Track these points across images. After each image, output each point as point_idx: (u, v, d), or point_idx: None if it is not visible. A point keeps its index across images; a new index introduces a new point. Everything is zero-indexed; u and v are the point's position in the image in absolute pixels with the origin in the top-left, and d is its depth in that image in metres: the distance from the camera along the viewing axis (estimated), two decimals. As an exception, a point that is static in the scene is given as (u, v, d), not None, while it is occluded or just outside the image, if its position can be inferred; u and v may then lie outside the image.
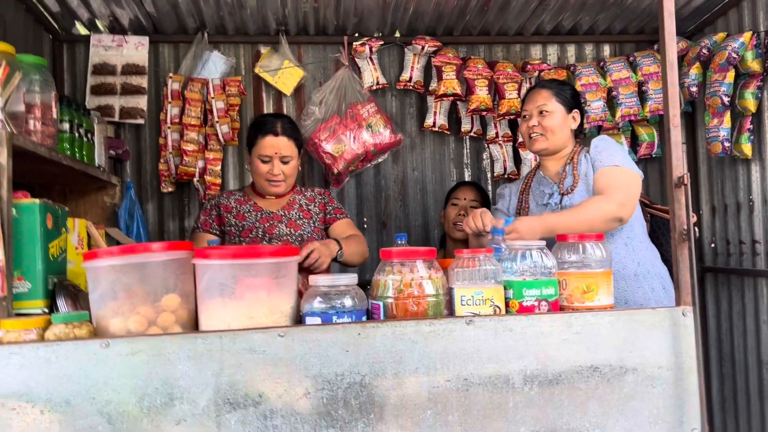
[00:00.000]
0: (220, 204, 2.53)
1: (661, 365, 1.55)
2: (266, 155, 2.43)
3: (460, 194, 3.10)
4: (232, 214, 2.50)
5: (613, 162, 2.27)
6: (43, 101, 1.80)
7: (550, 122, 2.37)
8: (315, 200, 2.63)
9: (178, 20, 3.30)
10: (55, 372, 1.35)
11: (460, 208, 3.04)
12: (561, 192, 2.33)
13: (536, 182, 2.47)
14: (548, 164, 2.46)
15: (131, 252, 1.48)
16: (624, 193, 2.18)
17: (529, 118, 2.41)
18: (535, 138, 2.39)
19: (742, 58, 3.06)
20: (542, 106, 2.37)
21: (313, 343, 1.43)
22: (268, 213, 2.52)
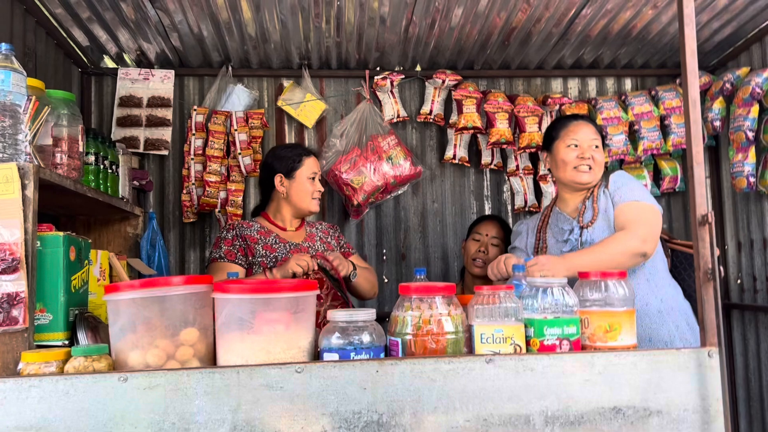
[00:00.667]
0: (244, 235, 2.51)
1: (687, 408, 1.50)
2: (314, 172, 2.59)
3: (482, 229, 3.05)
4: (260, 245, 2.49)
5: (633, 197, 2.25)
6: (70, 135, 1.84)
7: (600, 157, 2.37)
8: (329, 233, 2.70)
9: (204, 54, 3.37)
10: (74, 405, 1.35)
11: (481, 244, 3.00)
12: (581, 225, 2.30)
13: (554, 219, 2.44)
14: (569, 198, 2.43)
15: (152, 285, 1.48)
16: (646, 228, 2.16)
17: (581, 149, 2.36)
18: (585, 170, 2.34)
19: (766, 92, 3.04)
20: (595, 141, 2.37)
21: (330, 380, 1.42)
22: (295, 245, 2.53)
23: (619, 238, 2.13)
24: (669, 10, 3.00)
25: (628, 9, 2.98)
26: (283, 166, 2.58)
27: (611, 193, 2.31)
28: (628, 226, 2.17)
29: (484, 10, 2.94)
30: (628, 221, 2.19)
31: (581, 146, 2.36)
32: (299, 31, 3.11)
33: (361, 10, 2.92)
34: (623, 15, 3.04)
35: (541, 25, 3.12)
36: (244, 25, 3.02)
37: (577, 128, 2.40)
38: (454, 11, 2.95)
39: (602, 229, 2.26)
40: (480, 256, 2.97)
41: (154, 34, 3.09)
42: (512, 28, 3.15)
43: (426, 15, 2.98)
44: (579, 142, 2.37)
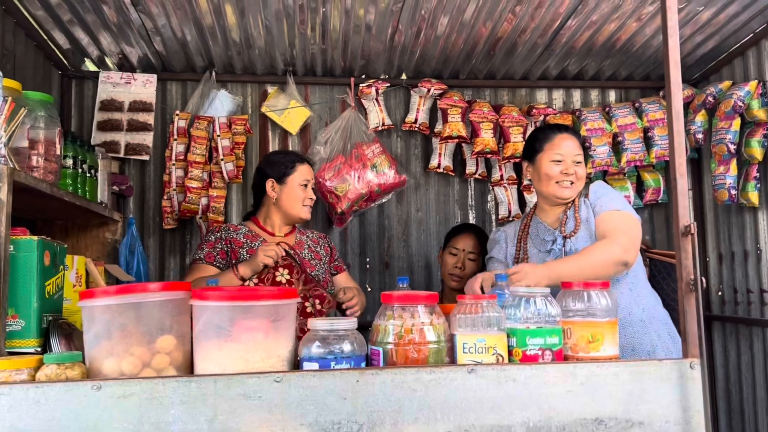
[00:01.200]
0: (229, 238, 2.49)
1: (669, 420, 1.49)
2: (306, 180, 2.57)
3: (459, 243, 3.02)
4: (245, 249, 2.47)
5: (613, 207, 2.25)
6: (46, 137, 1.80)
7: (583, 172, 2.35)
8: (319, 243, 2.67)
9: (187, 59, 3.34)
10: (45, 414, 1.31)
11: (458, 260, 2.99)
12: (564, 235, 2.30)
13: (534, 229, 2.42)
14: (549, 210, 2.41)
15: (128, 292, 1.45)
16: (627, 237, 2.16)
17: (564, 164, 2.33)
18: (567, 186, 2.32)
19: (748, 106, 3.07)
20: (577, 157, 2.34)
21: (309, 390, 1.39)
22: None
23: (601, 246, 2.13)
24: (653, 22, 3.02)
25: (612, 21, 3.00)
26: (276, 171, 2.57)
27: (592, 203, 2.31)
28: (609, 235, 2.17)
29: (469, 19, 2.94)
30: (609, 230, 2.19)
31: (565, 161, 2.33)
32: (284, 37, 3.09)
33: (346, 18, 2.91)
34: (608, 27, 3.06)
35: (527, 35, 3.13)
36: (228, 30, 3.00)
37: (562, 142, 2.37)
38: (440, 20, 2.95)
39: (584, 238, 2.26)
40: (456, 272, 2.96)
41: (136, 37, 3.05)
42: (498, 38, 3.16)
43: (412, 24, 2.98)
44: (563, 156, 2.34)
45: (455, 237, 3.07)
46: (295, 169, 2.57)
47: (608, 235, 2.17)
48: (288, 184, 2.55)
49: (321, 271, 2.57)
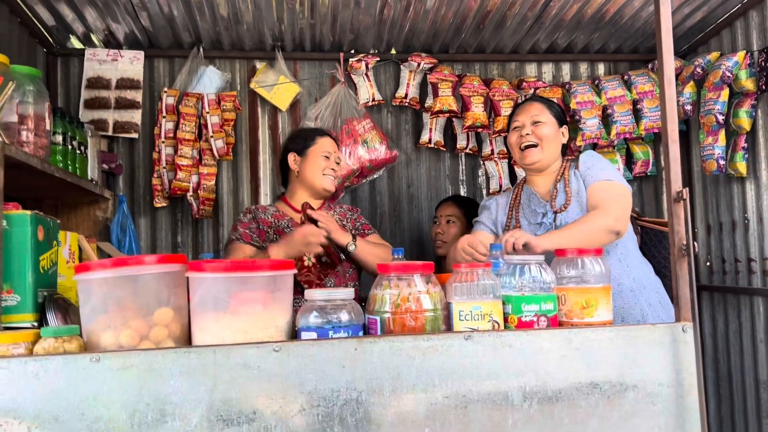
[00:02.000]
0: (258, 218, 2.49)
1: (662, 382, 1.52)
2: (328, 151, 2.55)
3: (440, 211, 3.17)
4: (273, 229, 2.47)
5: (604, 176, 2.27)
6: (36, 112, 1.78)
7: (544, 131, 2.34)
8: (346, 216, 2.64)
9: (174, 35, 3.30)
10: (44, 387, 1.32)
11: (438, 226, 3.14)
12: (554, 210, 2.31)
13: (526, 199, 2.43)
14: (537, 180, 2.42)
15: (123, 264, 1.45)
16: (618, 207, 2.18)
17: (521, 128, 2.37)
18: (529, 150, 2.34)
19: (736, 77, 3.08)
20: (536, 116, 2.35)
21: (308, 359, 1.40)
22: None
23: (593, 217, 2.15)
24: (642, -6, 3.02)
25: (602, -8, 2.99)
26: (297, 144, 2.58)
27: (582, 174, 2.32)
28: (600, 205, 2.19)
29: (459, -8, 2.92)
30: (600, 200, 2.21)
31: (523, 125, 2.37)
32: (272, 12, 3.06)
33: (335, -9, 2.88)
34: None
35: (516, 8, 3.11)
36: (215, 5, 2.96)
37: (520, 110, 2.42)
38: (430, -7, 2.92)
39: (575, 211, 2.27)
40: (439, 237, 3.12)
41: (122, 13, 3.01)
42: (487, 12, 3.14)
43: (401, -4, 2.95)
44: (520, 122, 2.38)
45: (438, 207, 3.23)
46: (315, 141, 2.57)
47: (600, 206, 2.18)
48: (309, 155, 2.53)
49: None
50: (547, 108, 2.40)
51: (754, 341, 3.16)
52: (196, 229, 3.48)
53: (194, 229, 3.48)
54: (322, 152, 2.54)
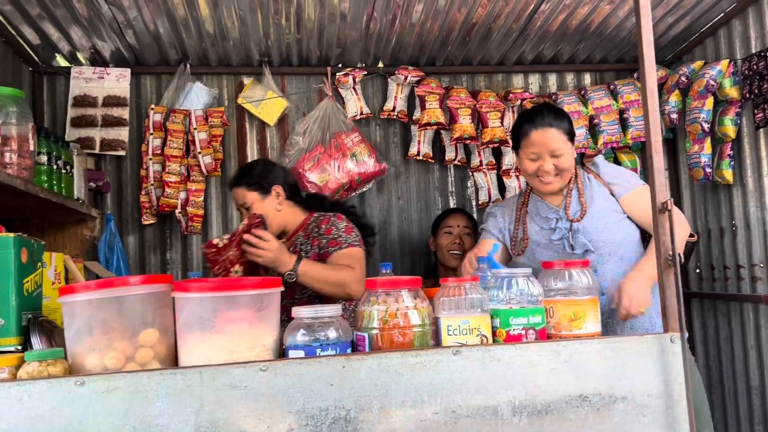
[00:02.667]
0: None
1: (651, 393, 1.52)
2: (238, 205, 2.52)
3: (452, 221, 3.13)
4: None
5: (638, 182, 2.29)
6: (19, 133, 1.77)
7: (566, 163, 2.23)
8: (311, 235, 2.46)
9: (160, 52, 3.30)
10: (28, 412, 1.30)
11: (455, 236, 3.10)
12: (570, 219, 2.25)
13: (534, 207, 2.36)
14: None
15: (108, 286, 1.43)
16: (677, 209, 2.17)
17: (539, 159, 2.24)
18: (550, 180, 2.24)
19: (720, 85, 3.11)
20: (557, 150, 2.22)
21: (296, 377, 1.39)
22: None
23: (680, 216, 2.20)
24: (625, 5, 3.05)
25: (585, 4, 3.02)
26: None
27: (609, 182, 2.29)
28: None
29: (444, 5, 2.94)
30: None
31: (543, 157, 2.24)
32: (259, 27, 3.07)
33: (321, 6, 2.89)
34: (581, 10, 3.08)
35: (501, 20, 3.13)
36: (201, 22, 2.97)
37: (537, 137, 2.25)
38: (415, 7, 2.94)
39: (594, 219, 2.23)
40: (456, 248, 3.10)
41: (108, 31, 3.01)
42: (473, 24, 3.16)
43: (387, 11, 2.97)
44: (539, 153, 2.24)
45: (447, 218, 3.19)
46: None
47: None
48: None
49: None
50: (563, 132, 2.26)
51: (744, 347, 3.16)
52: (185, 246, 3.46)
53: (183, 246, 3.46)
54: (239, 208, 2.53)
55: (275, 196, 2.46)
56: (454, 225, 3.12)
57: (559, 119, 2.30)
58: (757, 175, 3.04)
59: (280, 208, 2.47)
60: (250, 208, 2.41)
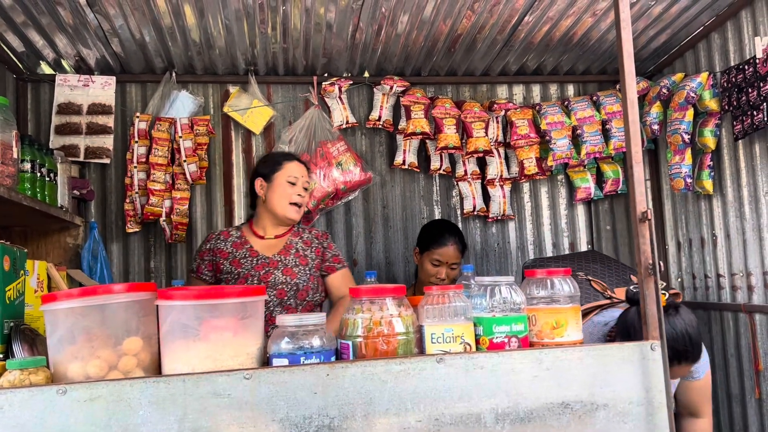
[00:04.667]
0: (216, 249, 2.47)
1: (632, 401, 1.54)
2: (294, 176, 2.51)
3: (444, 255, 2.94)
4: (228, 261, 2.44)
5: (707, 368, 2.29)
6: (3, 141, 1.77)
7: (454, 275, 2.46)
8: (312, 244, 2.54)
9: (146, 60, 3.29)
10: (9, 421, 1.29)
11: (440, 271, 2.93)
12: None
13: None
14: None
15: (91, 294, 1.43)
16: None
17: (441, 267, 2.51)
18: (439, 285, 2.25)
19: (700, 97, 3.16)
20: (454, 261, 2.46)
21: (280, 386, 1.39)
22: (264, 259, 2.44)
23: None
24: (607, 17, 3.10)
25: (568, 17, 3.06)
26: (265, 168, 2.54)
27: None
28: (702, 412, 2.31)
29: (429, 16, 2.97)
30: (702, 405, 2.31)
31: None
32: (245, 37, 3.08)
33: (307, 16, 2.90)
34: (564, 22, 3.12)
35: (486, 31, 3.17)
36: (187, 31, 2.97)
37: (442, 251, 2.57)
38: (400, 18, 2.97)
39: None
40: (440, 283, 2.88)
41: (93, 39, 3.00)
42: (458, 35, 3.20)
43: (372, 21, 2.99)
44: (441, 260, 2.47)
45: (438, 247, 2.97)
46: (282, 166, 2.51)
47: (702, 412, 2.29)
48: (275, 181, 2.49)
49: (303, 278, 2.44)
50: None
51: (725, 356, 3.20)
52: (170, 254, 3.45)
53: (167, 254, 3.45)
54: (287, 177, 2.49)
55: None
56: (443, 260, 2.93)
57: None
58: (737, 185, 3.09)
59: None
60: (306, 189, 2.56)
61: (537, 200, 3.84)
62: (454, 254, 2.97)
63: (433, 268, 2.96)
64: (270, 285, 2.38)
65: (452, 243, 2.98)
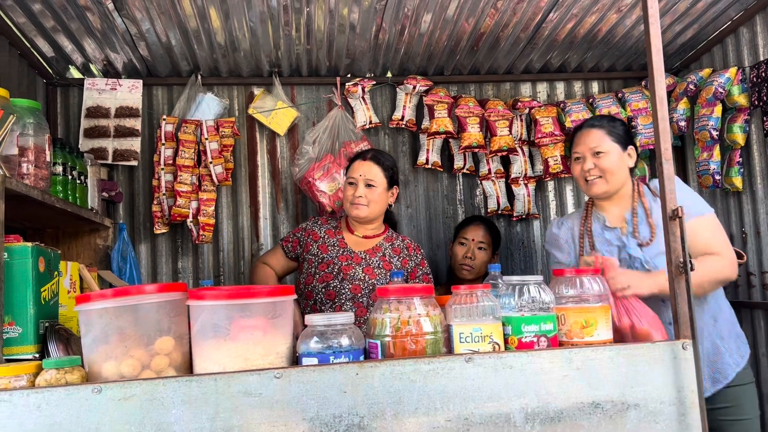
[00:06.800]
0: (311, 230, 2.59)
1: (664, 400, 1.52)
2: (352, 177, 2.55)
3: (469, 234, 3.06)
4: (318, 244, 2.54)
5: (699, 210, 2.16)
6: (36, 144, 1.80)
7: (607, 163, 2.22)
8: (400, 253, 2.60)
9: (172, 63, 3.33)
10: (46, 420, 1.32)
11: (467, 249, 3.02)
12: (639, 243, 2.19)
13: (597, 226, 2.30)
14: (606, 206, 2.31)
15: (124, 294, 1.46)
16: (730, 252, 2.11)
17: (582, 161, 2.26)
18: (593, 181, 2.24)
19: (728, 92, 3.11)
20: (596, 147, 2.24)
21: (310, 385, 1.41)
22: (350, 252, 2.52)
23: (713, 263, 2.08)
24: (632, 13, 3.06)
25: (593, 13, 3.04)
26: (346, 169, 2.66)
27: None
28: (713, 248, 2.11)
29: (452, 15, 2.96)
30: (709, 246, 2.11)
31: (584, 156, 2.27)
32: (269, 39, 3.10)
33: (330, 18, 2.92)
34: (588, 19, 3.09)
35: (509, 30, 3.15)
36: (213, 34, 3.00)
37: (579, 139, 2.31)
38: (423, 17, 2.97)
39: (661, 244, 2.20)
40: (467, 262, 3.00)
41: (121, 43, 3.05)
42: (481, 34, 3.18)
43: (395, 21, 2.99)
44: (580, 153, 2.28)
45: (464, 228, 3.12)
46: (349, 167, 2.61)
47: (712, 249, 2.11)
48: (344, 183, 2.62)
49: (382, 281, 2.49)
50: (607, 134, 2.27)
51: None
52: (197, 255, 3.49)
53: (194, 255, 3.49)
54: (348, 179, 2.58)
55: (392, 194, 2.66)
56: (469, 238, 3.04)
57: (608, 122, 2.32)
58: (767, 182, 3.03)
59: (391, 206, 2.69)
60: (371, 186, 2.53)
61: (562, 198, 3.81)
62: (479, 233, 3.06)
63: (461, 248, 3.05)
64: (348, 278, 2.45)
65: (477, 222, 3.12)
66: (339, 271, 2.45)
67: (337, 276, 2.44)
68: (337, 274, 2.44)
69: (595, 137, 2.27)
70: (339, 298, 2.41)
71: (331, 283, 2.42)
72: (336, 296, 2.41)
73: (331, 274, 2.44)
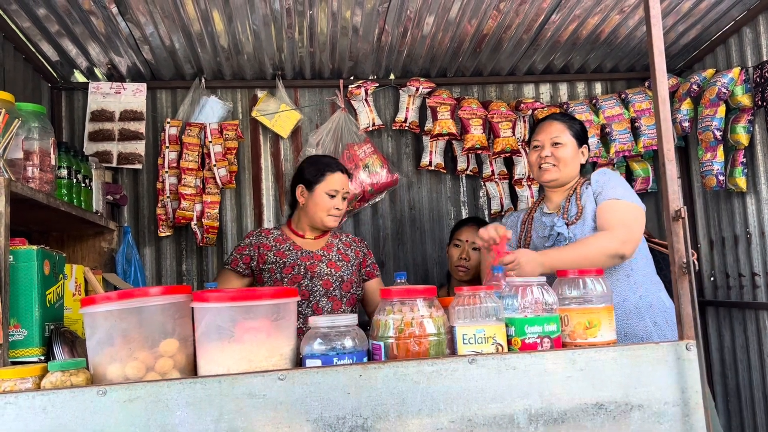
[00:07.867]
0: (258, 244, 2.56)
1: (668, 401, 1.52)
2: (335, 189, 2.55)
3: (463, 235, 3.05)
4: (272, 252, 2.53)
5: (614, 195, 2.26)
6: (41, 148, 1.81)
7: (563, 153, 2.38)
8: (351, 246, 2.67)
9: (176, 67, 3.35)
10: (51, 421, 1.32)
11: (462, 251, 3.01)
12: (567, 222, 2.32)
13: (538, 214, 2.48)
14: (552, 196, 2.46)
15: (129, 297, 1.46)
16: (626, 230, 2.17)
17: (541, 148, 2.42)
18: (546, 168, 2.39)
19: (731, 93, 3.11)
20: (555, 138, 2.40)
21: (313, 386, 1.41)
22: (308, 252, 2.54)
23: (599, 238, 2.15)
24: (635, 14, 3.06)
25: (595, 14, 3.04)
26: (307, 176, 2.59)
27: (594, 191, 2.32)
28: (607, 226, 2.19)
29: (455, 17, 2.97)
30: (607, 222, 2.20)
31: (542, 145, 2.41)
32: (272, 41, 3.11)
33: (333, 20, 2.93)
34: (591, 20, 3.09)
35: (512, 31, 3.16)
36: (216, 37, 3.01)
37: (541, 129, 2.46)
38: (426, 19, 2.97)
39: (587, 224, 2.28)
40: (462, 263, 2.98)
41: (125, 47, 3.06)
42: (483, 35, 3.19)
43: (398, 23, 3.00)
44: (540, 141, 2.43)
45: (459, 229, 3.12)
46: (324, 178, 2.55)
47: (607, 227, 2.19)
48: (315, 192, 2.55)
49: (347, 272, 2.55)
50: (568, 128, 2.43)
51: (761, 355, 3.14)
52: (201, 258, 3.50)
53: (199, 258, 3.50)
54: (327, 190, 2.54)
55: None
56: (463, 239, 3.03)
57: (569, 119, 2.49)
58: (771, 182, 3.03)
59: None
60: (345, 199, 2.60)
61: (565, 200, 3.81)
62: (473, 233, 3.04)
63: (456, 250, 3.05)
64: (316, 275, 2.48)
65: (472, 223, 3.10)
66: (306, 270, 2.48)
67: (306, 275, 2.47)
68: (305, 273, 2.47)
69: (556, 129, 2.43)
70: (313, 296, 2.45)
71: (302, 282, 2.45)
72: (310, 294, 2.45)
73: (299, 275, 2.46)
